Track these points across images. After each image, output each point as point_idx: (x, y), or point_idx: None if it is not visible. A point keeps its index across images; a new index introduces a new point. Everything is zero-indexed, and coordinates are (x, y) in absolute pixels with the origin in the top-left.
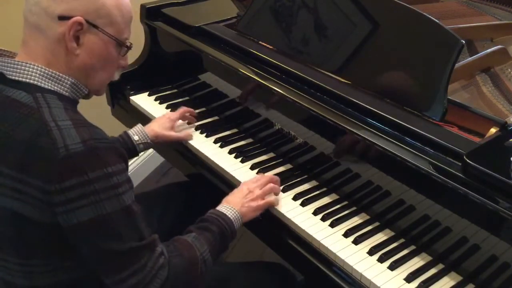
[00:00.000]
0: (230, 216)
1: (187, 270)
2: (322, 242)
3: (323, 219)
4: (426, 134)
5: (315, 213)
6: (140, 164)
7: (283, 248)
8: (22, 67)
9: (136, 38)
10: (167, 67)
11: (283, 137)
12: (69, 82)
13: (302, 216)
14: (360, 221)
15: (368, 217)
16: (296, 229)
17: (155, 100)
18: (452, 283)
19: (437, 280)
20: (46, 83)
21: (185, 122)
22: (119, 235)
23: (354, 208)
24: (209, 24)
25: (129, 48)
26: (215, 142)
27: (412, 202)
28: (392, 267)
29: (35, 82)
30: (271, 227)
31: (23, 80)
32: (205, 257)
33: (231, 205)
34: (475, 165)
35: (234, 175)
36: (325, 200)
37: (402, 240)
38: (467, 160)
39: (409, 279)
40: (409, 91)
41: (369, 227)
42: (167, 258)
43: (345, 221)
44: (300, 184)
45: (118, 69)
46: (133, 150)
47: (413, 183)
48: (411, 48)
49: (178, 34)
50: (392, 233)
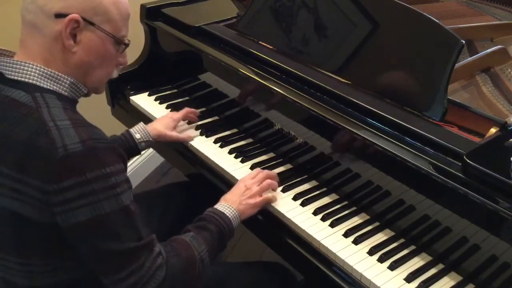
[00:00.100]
0: (228, 215)
1: (185, 270)
2: (322, 242)
3: (323, 219)
4: (426, 134)
5: (315, 213)
6: (140, 164)
7: (283, 248)
8: (21, 67)
9: (136, 38)
10: (167, 67)
11: (283, 137)
12: (68, 82)
13: (302, 216)
14: (360, 221)
15: (368, 217)
16: (296, 229)
17: (155, 100)
18: (452, 283)
19: (437, 280)
20: (45, 83)
21: (185, 122)
22: (117, 235)
23: (354, 208)
24: (209, 24)
25: (127, 46)
26: (215, 142)
27: (412, 202)
28: (392, 267)
29: (34, 82)
30: (271, 227)
31: (22, 80)
32: (203, 257)
33: (229, 203)
34: (475, 165)
35: (234, 175)
36: (325, 200)
37: (402, 240)
38: (467, 160)
39: (409, 279)
40: (409, 91)
41: (369, 227)
42: (165, 258)
43: (345, 221)
44: (300, 184)
45: (117, 67)
46: (135, 149)
47: (413, 183)
48: (411, 48)
49: (178, 34)
50: (392, 233)
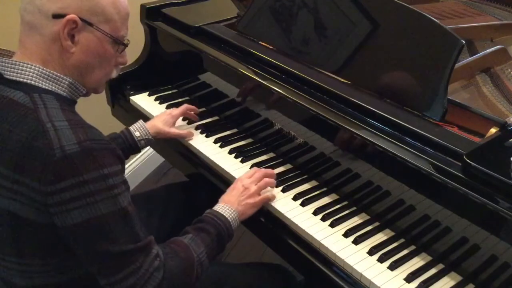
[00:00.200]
0: (227, 216)
1: (183, 272)
2: (322, 242)
3: (323, 219)
4: (426, 134)
5: (315, 213)
6: (140, 164)
7: (283, 248)
8: (20, 67)
9: (136, 38)
10: (167, 67)
11: (283, 137)
12: (67, 82)
13: (302, 216)
14: (360, 221)
15: (368, 217)
16: (296, 229)
17: (155, 100)
18: (452, 283)
19: (437, 280)
20: (44, 83)
21: (185, 122)
22: (114, 237)
23: (354, 208)
24: (209, 24)
25: (126, 46)
26: (215, 142)
27: (412, 202)
28: (392, 267)
29: (32, 82)
30: (271, 227)
31: (21, 80)
32: (202, 259)
33: (228, 205)
34: (475, 165)
35: (234, 175)
36: (325, 200)
37: (402, 240)
38: (467, 160)
39: (409, 279)
40: (409, 91)
41: (369, 227)
42: (163, 260)
43: (345, 221)
44: (300, 184)
45: (116, 67)
46: (135, 147)
47: (413, 183)
48: (411, 48)
49: (178, 34)
50: (392, 233)
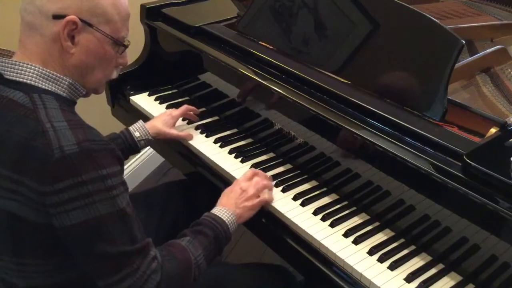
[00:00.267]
0: (225, 219)
1: (181, 274)
2: (322, 242)
3: (323, 219)
4: (426, 134)
5: (315, 213)
6: (140, 164)
7: (283, 248)
8: (19, 67)
9: (136, 38)
10: (167, 67)
11: (283, 137)
12: (67, 83)
13: (302, 216)
14: (360, 221)
15: (368, 217)
16: (296, 229)
17: (155, 100)
18: (452, 283)
19: (437, 280)
20: (43, 83)
21: (185, 122)
22: (112, 238)
23: (354, 208)
24: (209, 24)
25: (126, 47)
26: (215, 142)
27: (412, 202)
28: (392, 267)
29: (32, 82)
30: (271, 227)
31: (21, 80)
32: (199, 261)
33: (226, 208)
34: (475, 165)
35: (234, 175)
36: (325, 200)
37: (402, 240)
38: (467, 160)
39: (409, 279)
40: (409, 91)
41: (369, 227)
42: (160, 263)
43: (345, 221)
44: (300, 184)
45: (117, 67)
46: (134, 147)
47: (413, 183)
48: (411, 48)
49: (178, 34)
50: (392, 233)
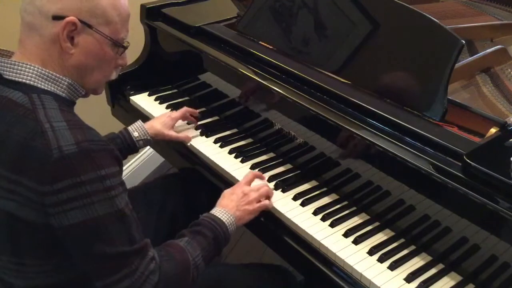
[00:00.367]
0: (225, 220)
1: (179, 275)
2: (322, 242)
3: (323, 219)
4: (426, 134)
5: (315, 213)
6: (140, 164)
7: (283, 248)
8: (19, 67)
9: (136, 38)
10: (167, 67)
11: (283, 137)
12: (66, 83)
13: (302, 216)
14: (360, 221)
15: (368, 217)
16: (296, 229)
17: (155, 100)
18: (452, 283)
19: (437, 280)
20: (43, 84)
21: (185, 123)
22: (110, 239)
23: (354, 208)
24: (209, 24)
25: (126, 48)
26: (215, 142)
27: (412, 202)
28: (392, 267)
29: (32, 83)
30: (271, 227)
31: (20, 80)
32: (198, 262)
33: (226, 209)
34: (475, 165)
35: (234, 175)
36: (325, 200)
37: (402, 240)
38: (467, 160)
39: (409, 279)
40: (409, 91)
41: (369, 227)
42: (158, 263)
43: (345, 221)
44: (300, 184)
45: (116, 68)
46: (133, 147)
47: (413, 183)
48: (411, 48)
49: (178, 34)
50: (392, 233)
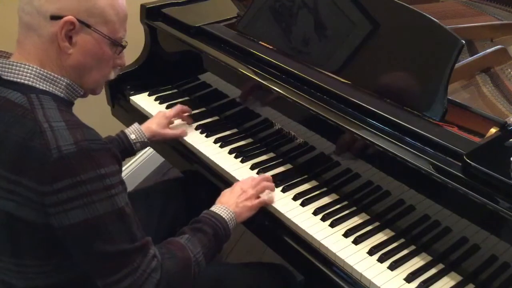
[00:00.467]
0: (225, 217)
1: (181, 272)
2: (322, 242)
3: (323, 219)
4: (426, 134)
5: (315, 213)
6: (140, 164)
7: (283, 248)
8: (17, 68)
9: (136, 38)
10: (167, 67)
11: (283, 137)
12: (64, 83)
13: (302, 216)
14: (360, 221)
15: (368, 217)
16: (296, 229)
17: (155, 100)
18: (452, 283)
19: (437, 280)
20: (41, 84)
21: (185, 123)
22: (111, 237)
23: (354, 208)
24: (209, 24)
25: (124, 47)
26: (215, 142)
27: (412, 202)
28: (392, 267)
29: (30, 83)
30: (271, 227)
31: (18, 81)
32: (199, 259)
33: (225, 205)
34: (475, 165)
35: (234, 175)
36: (325, 200)
37: (402, 240)
38: (467, 160)
39: (409, 279)
40: (409, 91)
41: (369, 227)
42: (160, 261)
43: (345, 221)
44: (300, 184)
45: (114, 68)
46: (130, 149)
47: (413, 183)
48: (411, 48)
49: (178, 34)
50: (392, 233)
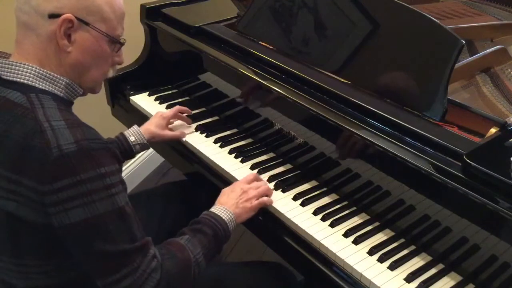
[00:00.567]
0: (224, 218)
1: (181, 273)
2: (322, 242)
3: (323, 219)
4: (426, 134)
5: (315, 213)
6: (140, 164)
7: (283, 248)
8: (16, 67)
9: (136, 38)
10: (167, 67)
11: (283, 137)
12: (64, 83)
13: (302, 216)
14: (360, 221)
15: (368, 217)
16: (296, 229)
17: (155, 100)
18: (452, 283)
19: (437, 280)
20: (41, 83)
21: (184, 123)
22: (112, 237)
23: (354, 208)
24: (209, 24)
25: (122, 45)
26: (215, 142)
27: (412, 202)
28: (392, 267)
29: (29, 82)
30: (271, 227)
31: (18, 80)
32: (199, 260)
33: (225, 206)
34: (475, 165)
35: (234, 175)
36: (325, 200)
37: (402, 240)
38: (467, 160)
39: (409, 279)
40: (409, 91)
41: (369, 227)
42: (160, 261)
43: (345, 221)
44: (300, 184)
45: (113, 66)
46: (130, 151)
47: (413, 183)
48: (411, 48)
49: (178, 34)
50: (392, 233)
